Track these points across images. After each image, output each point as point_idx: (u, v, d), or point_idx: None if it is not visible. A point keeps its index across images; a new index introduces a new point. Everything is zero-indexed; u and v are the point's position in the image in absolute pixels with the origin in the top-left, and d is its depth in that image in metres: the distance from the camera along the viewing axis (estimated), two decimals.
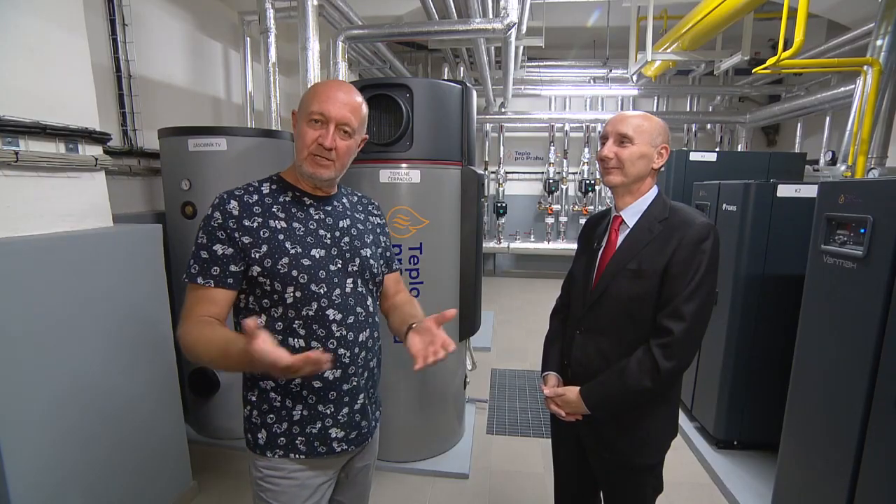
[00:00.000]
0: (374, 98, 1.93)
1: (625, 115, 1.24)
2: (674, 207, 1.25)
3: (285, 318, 1.08)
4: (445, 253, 2.18)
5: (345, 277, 1.14)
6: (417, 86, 1.97)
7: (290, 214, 1.10)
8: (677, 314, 1.15)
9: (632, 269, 1.21)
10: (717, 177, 3.10)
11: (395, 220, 2.04)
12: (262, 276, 1.05)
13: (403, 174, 2.02)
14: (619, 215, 1.29)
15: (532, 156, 7.58)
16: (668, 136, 1.25)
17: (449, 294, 2.24)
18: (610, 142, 1.23)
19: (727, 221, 2.44)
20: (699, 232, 1.16)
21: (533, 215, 7.65)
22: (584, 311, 1.30)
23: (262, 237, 1.05)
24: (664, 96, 6.81)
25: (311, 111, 1.05)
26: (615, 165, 1.23)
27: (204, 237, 1.05)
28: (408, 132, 1.99)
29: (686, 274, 1.15)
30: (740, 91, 6.13)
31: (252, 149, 2.23)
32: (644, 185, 1.26)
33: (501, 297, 6.25)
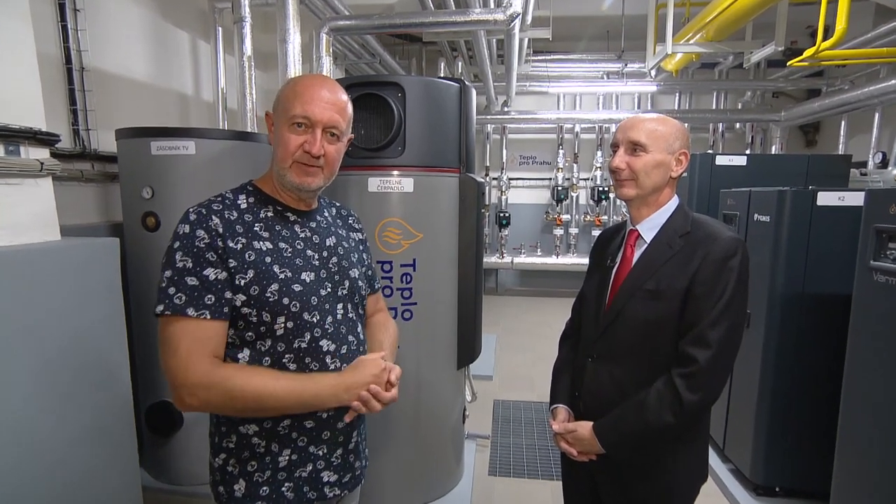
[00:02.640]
0: (361, 98, 1.97)
1: (637, 119, 1.27)
2: (696, 220, 1.27)
3: (273, 353, 1.07)
4: (442, 270, 2.21)
5: (335, 303, 1.15)
6: (410, 84, 2.02)
7: (275, 233, 1.10)
8: (702, 340, 1.17)
9: (649, 289, 1.23)
10: (748, 183, 3.15)
11: (385, 233, 2.07)
12: (246, 307, 1.04)
13: (395, 183, 2.06)
14: (634, 229, 1.32)
15: (538, 160, 7.67)
16: (687, 140, 1.28)
17: (445, 316, 2.26)
18: (621, 150, 1.27)
19: (759, 234, 2.48)
20: (726, 248, 1.19)
21: (539, 227, 7.71)
22: (597, 335, 1.32)
23: (247, 261, 1.05)
24: (687, 93, 6.93)
25: (293, 114, 1.06)
26: (628, 177, 1.26)
27: (188, 260, 1.02)
28: (399, 136, 2.03)
29: (711, 295, 1.17)
30: (774, 86, 6.22)
31: (225, 153, 2.27)
32: (662, 195, 1.28)
33: (505, 319, 6.27)
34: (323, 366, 1.11)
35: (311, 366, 1.10)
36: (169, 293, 1.01)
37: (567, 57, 6.72)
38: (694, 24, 4.33)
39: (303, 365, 1.09)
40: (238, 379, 1.00)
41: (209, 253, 1.02)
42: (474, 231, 2.30)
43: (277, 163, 1.10)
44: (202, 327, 1.01)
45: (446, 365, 2.31)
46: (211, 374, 1.00)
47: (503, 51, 4.78)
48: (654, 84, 6.32)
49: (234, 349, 1.07)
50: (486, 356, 4.56)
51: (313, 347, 1.10)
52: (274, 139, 1.12)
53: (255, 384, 1.00)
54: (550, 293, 7.57)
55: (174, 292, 1.01)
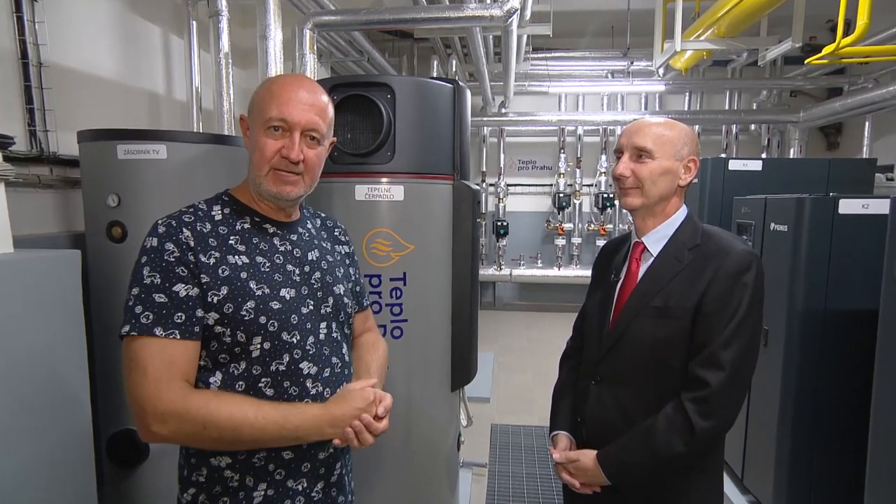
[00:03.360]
0: (348, 99, 1.99)
1: (642, 123, 1.30)
2: (707, 232, 1.30)
3: (248, 376, 1.07)
4: (434, 284, 2.22)
5: (318, 322, 1.15)
6: (400, 85, 2.04)
7: (252, 246, 1.11)
8: (714, 362, 1.18)
9: (657, 306, 1.25)
10: (764, 189, 3.18)
11: (373, 245, 2.08)
12: (219, 325, 1.05)
13: (384, 190, 2.08)
14: (640, 241, 1.34)
15: (538, 165, 7.75)
16: (696, 145, 1.31)
17: (439, 334, 2.26)
18: (625, 157, 1.29)
19: (777, 245, 2.52)
20: (739, 261, 1.21)
21: (540, 236, 7.77)
22: (600, 356, 1.34)
23: (220, 276, 1.05)
24: (697, 92, 7.05)
25: (268, 117, 1.08)
26: (632, 185, 1.28)
27: (156, 275, 1.02)
28: (389, 141, 2.04)
29: (724, 313, 1.19)
30: (792, 84, 6.34)
31: (199, 158, 2.27)
32: (669, 205, 1.31)
33: (503, 336, 6.30)
34: (303, 390, 1.11)
35: (291, 391, 1.10)
36: (135, 312, 1.01)
37: (569, 55, 6.82)
38: (705, 18, 4.41)
39: (281, 389, 1.09)
40: (214, 407, 1.00)
41: (179, 268, 1.03)
42: (469, 242, 2.31)
43: (253, 170, 1.11)
44: (171, 348, 1.01)
45: (439, 387, 2.31)
46: (184, 400, 0.99)
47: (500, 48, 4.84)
48: (662, 83, 6.42)
49: (206, 372, 1.07)
50: (482, 376, 4.56)
51: (293, 370, 1.10)
52: (249, 145, 1.13)
53: (232, 413, 0.99)
54: (552, 308, 7.61)
55: (141, 311, 1.01)
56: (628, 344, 1.29)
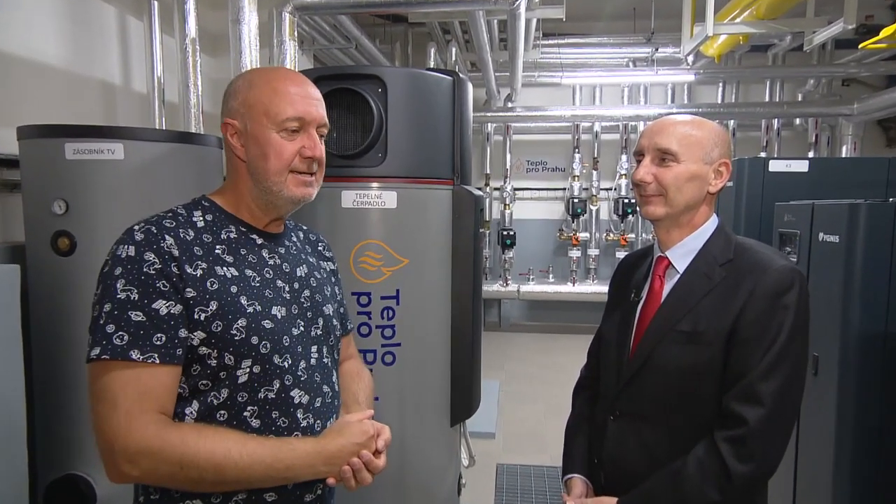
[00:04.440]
0: (333, 94, 2.01)
1: (666, 122, 1.32)
2: (741, 245, 1.32)
3: (232, 405, 1.09)
4: (431, 303, 2.24)
5: (309, 345, 1.19)
6: (393, 78, 2.07)
7: (240, 258, 1.15)
8: (752, 396, 1.19)
9: (684, 330, 1.27)
10: (810, 194, 3.19)
11: (362, 259, 2.10)
12: (206, 346, 1.06)
13: (374, 197, 2.10)
14: (664, 256, 1.36)
15: (550, 166, 7.81)
16: (728, 147, 1.33)
17: (436, 359, 2.28)
18: (647, 160, 1.31)
19: (826, 258, 2.53)
20: (779, 279, 1.22)
21: (552, 247, 7.81)
22: (620, 388, 1.35)
23: (209, 290, 1.07)
24: (733, 83, 7.12)
25: (285, 118, 1.14)
26: (655, 192, 1.30)
27: (132, 290, 1.02)
28: (380, 140, 2.06)
29: (762, 338, 1.20)
30: (844, 72, 6.34)
31: (162, 159, 2.28)
32: (698, 215, 1.33)
33: (510, 361, 6.31)
34: (293, 422, 1.13)
35: (279, 422, 1.12)
36: (107, 332, 1.00)
37: (584, 41, 6.90)
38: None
39: (269, 420, 1.11)
40: (192, 444, 1.00)
41: (160, 281, 1.03)
42: (471, 254, 2.34)
43: (270, 176, 1.16)
44: (149, 375, 1.01)
45: (437, 421, 2.32)
46: (161, 436, 0.99)
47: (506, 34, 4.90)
48: (691, 73, 6.48)
49: (181, 402, 1.07)
50: (486, 409, 4.56)
51: (283, 399, 1.12)
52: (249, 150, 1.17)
53: (214, 451, 1.00)
54: (566, 329, 7.64)
55: (114, 330, 1.00)
56: (651, 373, 1.30)
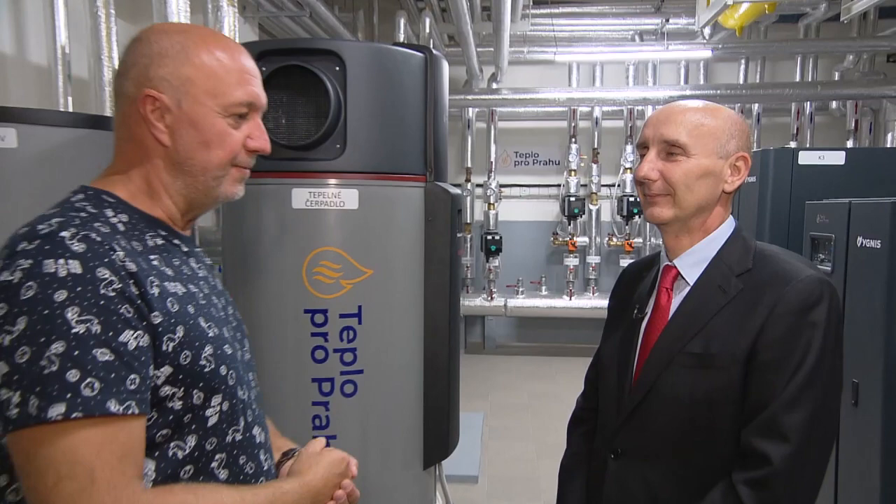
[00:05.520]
0: (282, 72, 2.01)
1: (674, 109, 1.33)
2: (762, 253, 1.34)
3: (200, 456, 1.06)
4: (400, 321, 2.24)
5: (248, 371, 1.22)
6: (353, 54, 2.06)
7: (177, 271, 1.12)
8: (776, 430, 1.20)
9: (695, 352, 1.28)
10: (847, 191, 3.22)
11: (317, 269, 2.09)
12: (170, 384, 1.02)
13: (331, 196, 2.09)
14: (672, 265, 1.37)
15: (542, 159, 7.84)
16: (747, 138, 1.35)
17: (405, 389, 2.27)
18: (652, 153, 1.33)
19: (866, 266, 2.57)
20: (805, 292, 1.24)
21: (545, 254, 7.84)
22: (621, 421, 1.36)
23: (172, 313, 1.03)
24: (757, 59, 7.19)
25: (236, 101, 1.11)
26: (661, 191, 1.32)
27: (92, 321, 0.92)
28: (338, 129, 2.06)
29: (787, 362, 1.22)
30: (889, 45, 6.35)
31: (67, 147, 2.24)
32: (711, 217, 1.35)
33: (495, 390, 6.27)
34: (258, 466, 1.16)
35: (247, 468, 1.14)
36: (68, 381, 0.89)
37: (582, 10, 6.94)
38: None
39: (236, 468, 1.12)
40: None
41: (123, 306, 0.96)
42: (447, 263, 2.34)
43: (210, 170, 1.13)
44: (126, 431, 0.94)
45: (407, 463, 2.32)
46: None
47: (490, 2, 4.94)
48: (708, 48, 6.57)
49: None
50: (467, 447, 4.55)
51: (248, 439, 1.14)
52: (181, 135, 1.10)
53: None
54: (562, 350, 7.66)
55: (79, 378, 0.89)
56: (657, 403, 1.31)
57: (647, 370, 1.34)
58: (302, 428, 2.07)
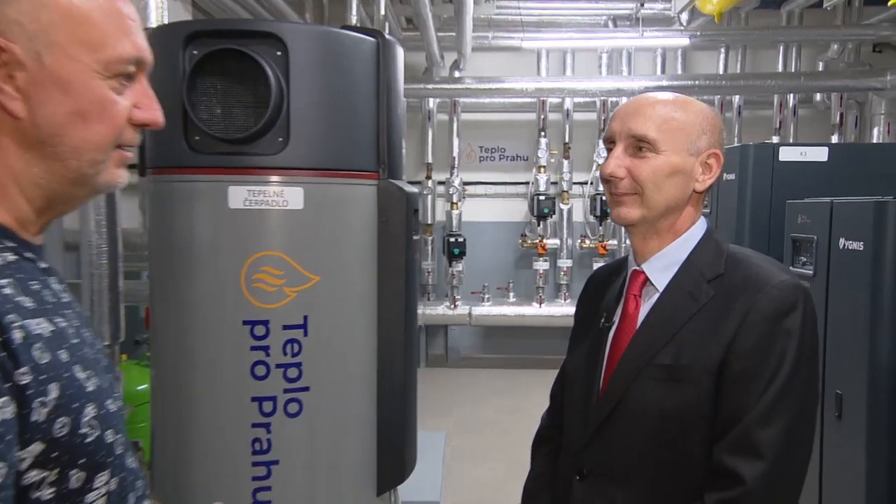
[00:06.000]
0: (216, 56, 1.96)
1: (642, 101, 1.35)
2: (734, 256, 1.35)
3: None
4: (350, 333, 2.21)
5: (122, 424, 1.03)
6: (296, 37, 2.03)
7: (37, 297, 0.92)
8: (749, 446, 1.22)
9: (665, 364, 1.30)
10: (831, 189, 3.28)
11: (257, 276, 2.05)
12: (40, 467, 0.83)
13: (273, 195, 2.05)
14: (640, 270, 1.39)
15: (509, 154, 7.88)
16: (719, 133, 1.37)
17: (357, 408, 2.25)
18: (619, 149, 1.34)
19: (849, 270, 2.62)
20: (778, 299, 1.26)
21: (513, 257, 7.90)
22: (587, 439, 1.36)
23: (41, 366, 0.84)
24: (737, 48, 7.33)
25: (118, 55, 0.92)
26: (629, 190, 1.32)
27: None
28: (280, 120, 2.02)
29: (760, 373, 1.24)
30: (875, 34, 6.54)
31: None
32: (681, 218, 1.37)
33: (459, 406, 6.28)
34: None
35: None
36: None
37: None
38: None
39: None
40: None
41: None
42: (403, 269, 2.33)
43: (87, 151, 0.93)
44: None
45: (359, 489, 2.29)
46: None
47: None
48: (685, 35, 6.68)
49: None
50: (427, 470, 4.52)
51: None
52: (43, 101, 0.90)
53: None
54: (531, 362, 7.67)
55: None
56: (625, 419, 1.32)
57: (615, 383, 1.35)
58: (240, 453, 2.03)
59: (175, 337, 2.12)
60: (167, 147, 2.00)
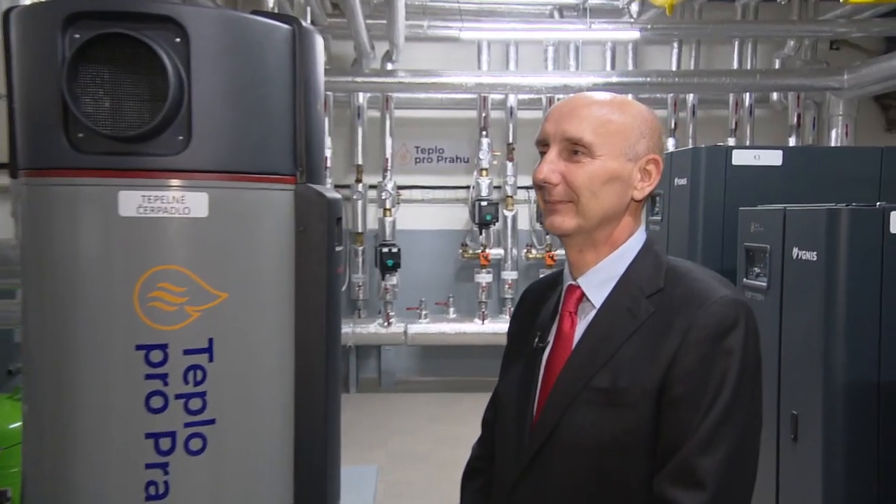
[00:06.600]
0: (102, 42, 1.90)
1: (578, 101, 1.37)
2: (674, 270, 1.38)
3: None
4: (263, 357, 2.18)
5: None
6: (199, 22, 1.99)
7: None
8: (690, 475, 1.23)
9: (602, 387, 1.30)
10: (786, 195, 3.36)
11: (153, 294, 1.99)
12: None
13: (172, 201, 2.00)
14: (576, 285, 1.40)
15: (448, 155, 7.91)
16: (659, 137, 1.39)
17: (269, 443, 2.21)
18: (552, 153, 1.35)
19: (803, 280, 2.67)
20: (718, 315, 1.28)
21: (453, 269, 7.93)
22: (520, 471, 1.36)
23: None
24: (690, 42, 7.51)
25: None
26: (563, 197, 1.33)
27: None
28: (180, 116, 1.97)
29: (701, 397, 1.25)
30: (830, 31, 6.79)
31: None
32: (619, 228, 1.38)
33: (393, 435, 6.25)
34: None
35: None
36: None
37: None
38: None
39: None
40: None
41: None
42: (324, 284, 2.30)
43: None
44: None
45: None
46: None
47: None
48: (635, 28, 6.80)
49: None
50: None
51: None
52: None
53: None
54: (473, 385, 7.66)
55: None
56: (560, 449, 1.32)
57: (549, 409, 1.35)
58: (131, 499, 1.97)
59: (54, 366, 2.03)
60: (44, 145, 1.93)
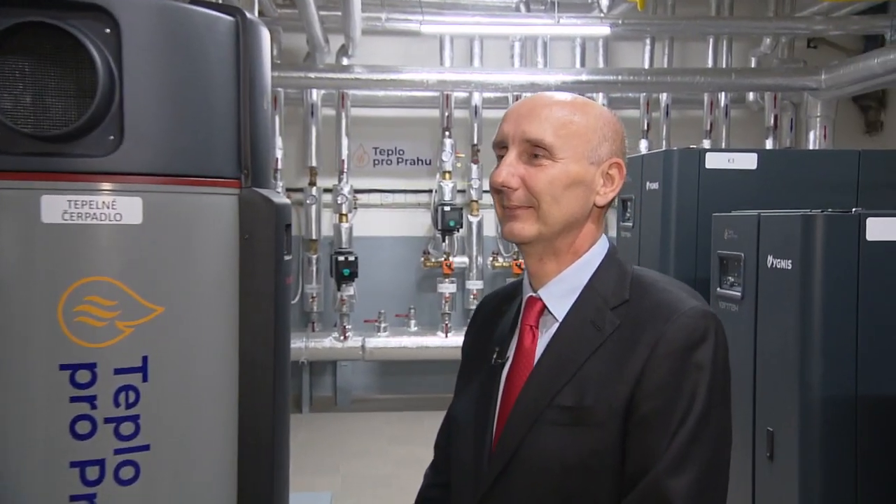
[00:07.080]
0: (22, 32, 1.88)
1: (538, 101, 1.38)
2: (639, 280, 1.39)
3: None
4: (203, 375, 2.17)
5: None
6: (131, 12, 1.97)
7: None
8: (659, 498, 1.24)
9: (566, 405, 1.31)
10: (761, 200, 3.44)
11: (80, 308, 1.97)
12: None
13: (102, 206, 1.98)
14: (536, 297, 1.40)
15: (409, 157, 7.92)
16: (622, 141, 1.41)
17: (210, 471, 2.20)
18: (511, 155, 1.35)
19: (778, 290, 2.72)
20: (687, 328, 1.29)
21: (414, 279, 7.94)
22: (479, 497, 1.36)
23: None
24: (664, 39, 7.59)
25: None
26: (522, 202, 1.34)
27: None
28: (111, 113, 1.96)
29: (669, 415, 1.26)
30: (807, 29, 6.92)
31: None
32: (581, 236, 1.40)
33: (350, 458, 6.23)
34: None
35: None
36: None
37: None
38: None
39: None
40: None
41: None
42: (271, 296, 2.29)
43: None
44: None
45: None
46: None
47: None
48: (606, 23, 6.87)
49: None
50: None
51: None
52: None
53: None
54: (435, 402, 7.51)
55: None
56: (522, 473, 1.32)
57: (509, 431, 1.35)
58: None
59: None
60: None
